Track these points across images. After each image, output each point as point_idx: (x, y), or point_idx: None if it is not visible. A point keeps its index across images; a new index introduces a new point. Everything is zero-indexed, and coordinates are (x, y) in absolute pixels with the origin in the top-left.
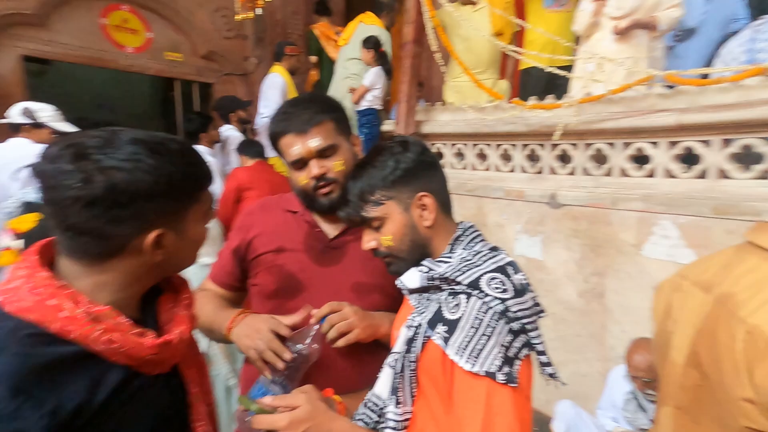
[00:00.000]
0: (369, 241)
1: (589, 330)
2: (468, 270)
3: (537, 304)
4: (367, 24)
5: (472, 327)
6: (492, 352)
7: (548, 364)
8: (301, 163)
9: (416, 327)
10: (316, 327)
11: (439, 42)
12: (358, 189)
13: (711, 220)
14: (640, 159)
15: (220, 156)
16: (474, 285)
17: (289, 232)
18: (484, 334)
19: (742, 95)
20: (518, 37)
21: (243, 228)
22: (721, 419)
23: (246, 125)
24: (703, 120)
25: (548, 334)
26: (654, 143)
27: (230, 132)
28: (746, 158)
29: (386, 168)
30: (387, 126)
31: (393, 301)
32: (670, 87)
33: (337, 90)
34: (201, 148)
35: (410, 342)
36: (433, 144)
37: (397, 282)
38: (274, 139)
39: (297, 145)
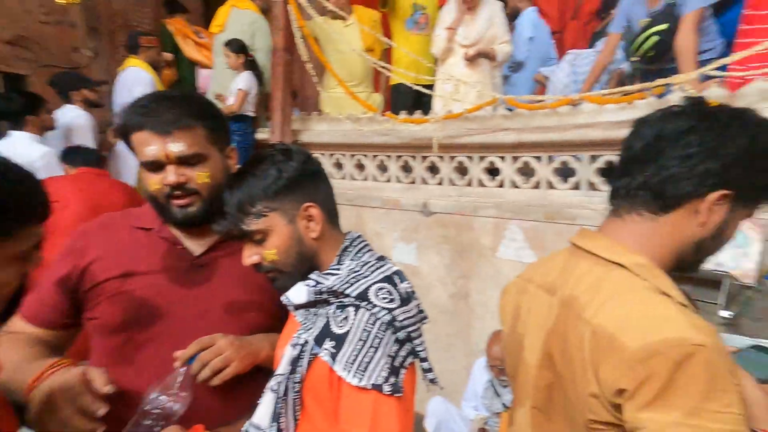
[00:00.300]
0: (250, 255)
1: (457, 329)
2: (356, 281)
3: (421, 311)
4: (241, 8)
5: (360, 340)
6: (379, 363)
7: (430, 370)
8: (155, 166)
9: (302, 345)
10: (184, 369)
11: (311, 52)
12: (237, 200)
13: (544, 224)
14: (493, 171)
15: (62, 146)
16: (362, 296)
17: (141, 253)
18: (371, 346)
19: (558, 120)
20: (387, 55)
21: (74, 252)
22: (570, 416)
23: (94, 108)
24: (534, 139)
25: (424, 337)
26: (502, 158)
27: (74, 114)
28: (565, 172)
29: (268, 178)
30: (261, 135)
31: (274, 319)
32: (510, 110)
33: (222, 83)
34: (25, 135)
35: (295, 361)
36: (312, 154)
37: (282, 298)
38: (126, 131)
39: (154, 146)
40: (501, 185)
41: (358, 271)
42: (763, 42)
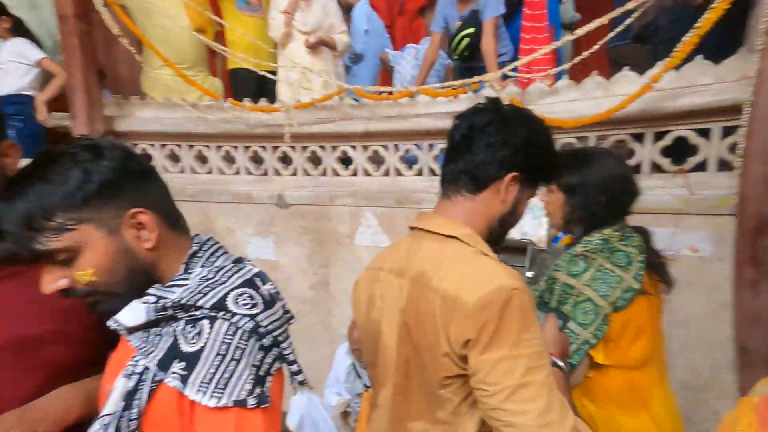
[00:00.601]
0: (54, 280)
1: (319, 318)
2: (210, 290)
3: (287, 311)
4: None
5: (219, 354)
6: (242, 376)
7: (299, 372)
8: None
9: (140, 373)
10: None
11: (122, 24)
12: (23, 213)
13: (395, 209)
14: (346, 160)
15: None
16: (219, 306)
17: None
18: (233, 359)
19: (400, 110)
20: (220, 36)
21: None
22: (426, 383)
23: None
24: (380, 128)
25: (290, 336)
26: (353, 147)
27: None
28: (412, 159)
29: (69, 182)
30: (58, 120)
31: (89, 350)
32: (356, 100)
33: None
34: None
35: (131, 395)
36: (136, 144)
37: (109, 322)
38: None
39: None
40: (354, 174)
41: (212, 278)
42: (539, 49)
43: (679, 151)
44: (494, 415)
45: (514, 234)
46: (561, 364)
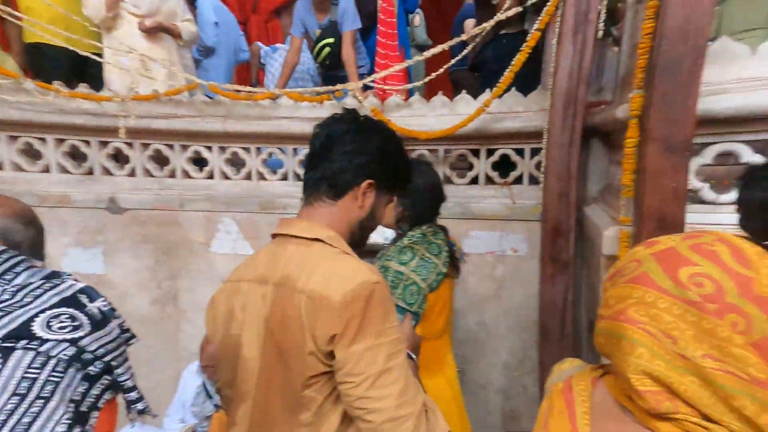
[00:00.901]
0: None
1: (163, 336)
2: (5, 315)
3: (126, 330)
4: None
5: (16, 395)
6: (53, 417)
7: (139, 400)
8: None
9: None
10: None
11: None
12: None
13: (258, 215)
14: (201, 162)
15: None
16: (19, 334)
17: None
18: (39, 398)
19: (260, 111)
20: (10, 1)
21: None
22: (288, 387)
23: None
24: (239, 129)
25: (129, 360)
26: (209, 147)
27: None
28: (276, 164)
29: None
30: None
31: None
32: (210, 97)
33: None
34: None
35: None
36: None
37: None
38: None
39: None
40: (211, 176)
41: (8, 300)
42: (392, 66)
43: (505, 166)
44: (359, 405)
45: (377, 238)
46: (414, 357)
